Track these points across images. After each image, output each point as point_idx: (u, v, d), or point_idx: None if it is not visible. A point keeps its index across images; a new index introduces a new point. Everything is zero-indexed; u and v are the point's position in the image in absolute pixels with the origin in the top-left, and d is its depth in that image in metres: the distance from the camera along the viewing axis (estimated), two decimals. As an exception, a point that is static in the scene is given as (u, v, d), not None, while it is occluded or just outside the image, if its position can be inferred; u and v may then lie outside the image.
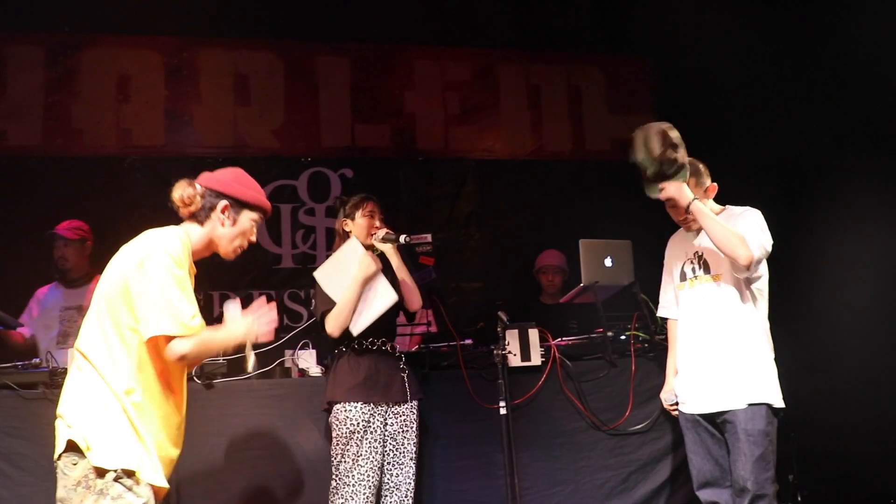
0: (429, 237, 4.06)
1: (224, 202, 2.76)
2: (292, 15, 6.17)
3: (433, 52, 6.67)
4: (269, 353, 4.05)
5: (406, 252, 4.01)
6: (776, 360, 3.57)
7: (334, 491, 3.61)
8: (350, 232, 3.86)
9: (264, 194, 2.90)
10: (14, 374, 3.80)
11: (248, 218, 2.81)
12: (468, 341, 4.25)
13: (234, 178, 2.83)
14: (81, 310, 4.76)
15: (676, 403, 3.76)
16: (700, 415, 3.60)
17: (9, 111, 5.81)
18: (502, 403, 3.89)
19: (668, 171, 3.45)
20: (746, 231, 3.43)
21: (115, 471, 2.47)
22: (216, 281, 6.03)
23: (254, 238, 2.86)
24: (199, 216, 2.77)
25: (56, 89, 5.92)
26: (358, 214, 3.85)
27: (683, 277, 3.73)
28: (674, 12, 5.90)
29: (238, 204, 2.78)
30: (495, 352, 3.96)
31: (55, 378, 3.69)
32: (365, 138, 6.46)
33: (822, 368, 5.12)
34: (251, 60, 6.30)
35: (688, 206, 3.44)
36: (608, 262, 4.39)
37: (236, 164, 2.75)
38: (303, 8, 6.19)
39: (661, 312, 3.98)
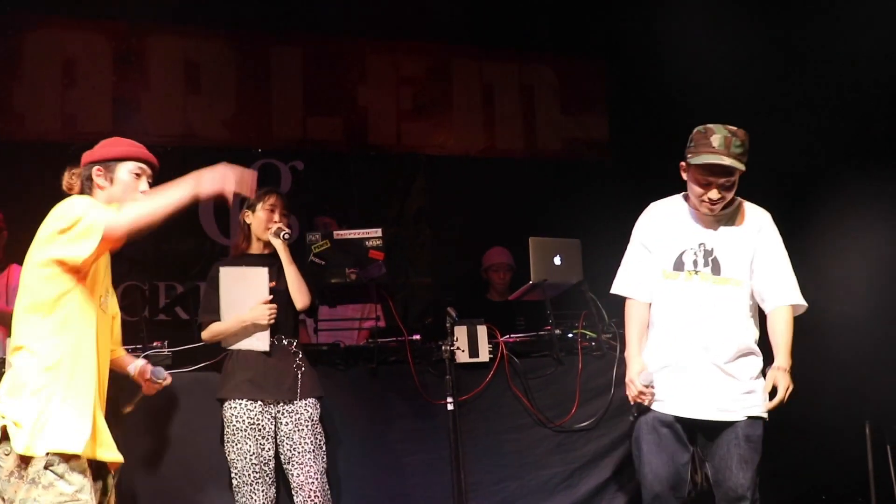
0: (380, 232, 4.06)
1: (95, 167, 2.80)
2: (245, 4, 6.10)
3: (387, 46, 6.65)
4: (213, 346, 4.01)
5: (357, 247, 4.00)
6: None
7: (237, 490, 3.56)
8: (250, 224, 3.79)
9: (140, 146, 2.93)
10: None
11: (125, 171, 2.83)
12: (416, 337, 4.24)
13: (101, 145, 2.89)
14: None
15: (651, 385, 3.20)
16: (678, 417, 3.19)
17: (-53, 94, 5.67)
18: (450, 399, 3.89)
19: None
20: (787, 274, 3.23)
21: (46, 456, 2.43)
22: (163, 272, 5.96)
23: (145, 187, 2.86)
24: (85, 192, 2.80)
25: (-2, 72, 5.78)
26: (259, 207, 3.77)
27: (680, 267, 3.22)
28: (628, 15, 5.95)
29: (108, 163, 2.82)
30: (443, 348, 3.95)
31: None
32: (317, 131, 6.42)
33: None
34: (202, 49, 6.21)
35: None
36: (557, 260, 4.41)
37: (185, 153, 2.73)
38: (256, -3, 6.13)
39: (622, 290, 3.40)
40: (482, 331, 4.15)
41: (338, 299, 4.45)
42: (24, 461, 2.42)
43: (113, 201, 2.77)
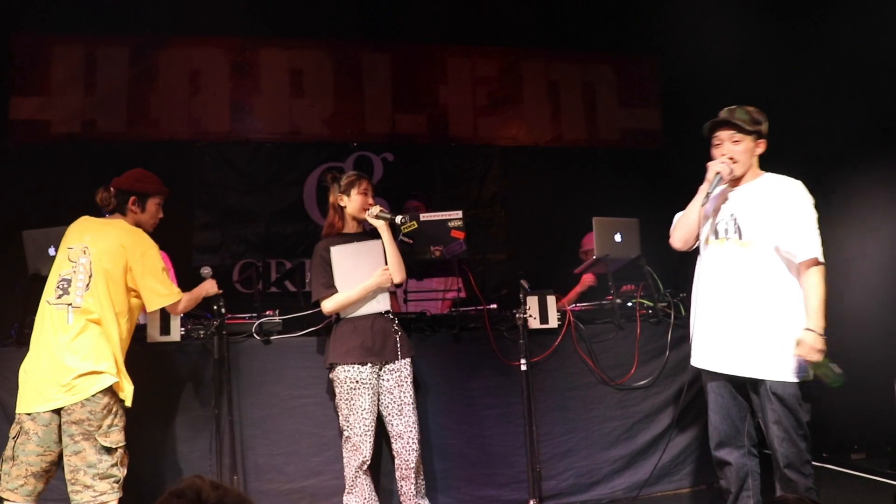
0: (460, 214, 4.03)
1: (132, 197, 3.27)
2: (340, 17, 6.17)
3: (464, 50, 6.61)
4: (317, 315, 4.05)
5: (440, 228, 3.98)
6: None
7: (347, 440, 3.53)
8: (345, 207, 3.67)
9: (160, 182, 3.37)
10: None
11: (153, 203, 3.33)
12: (493, 306, 4.22)
13: (135, 178, 3.30)
14: None
15: None
16: (726, 375, 3.13)
17: (98, 103, 5.85)
18: (523, 361, 3.89)
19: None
20: (803, 231, 2.97)
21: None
22: (274, 250, 6.06)
23: (160, 214, 3.38)
24: (117, 211, 3.29)
25: (138, 84, 5.94)
26: (353, 192, 3.65)
27: (716, 234, 3.18)
28: (679, 15, 5.77)
29: (142, 195, 3.29)
30: (517, 315, 3.94)
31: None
32: (404, 126, 6.44)
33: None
34: (304, 57, 6.28)
35: None
36: (618, 237, 4.33)
37: (291, 148, 2.79)
38: (350, 10, 6.18)
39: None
40: (551, 300, 4.10)
41: (424, 273, 4.47)
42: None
43: (139, 224, 3.26)
